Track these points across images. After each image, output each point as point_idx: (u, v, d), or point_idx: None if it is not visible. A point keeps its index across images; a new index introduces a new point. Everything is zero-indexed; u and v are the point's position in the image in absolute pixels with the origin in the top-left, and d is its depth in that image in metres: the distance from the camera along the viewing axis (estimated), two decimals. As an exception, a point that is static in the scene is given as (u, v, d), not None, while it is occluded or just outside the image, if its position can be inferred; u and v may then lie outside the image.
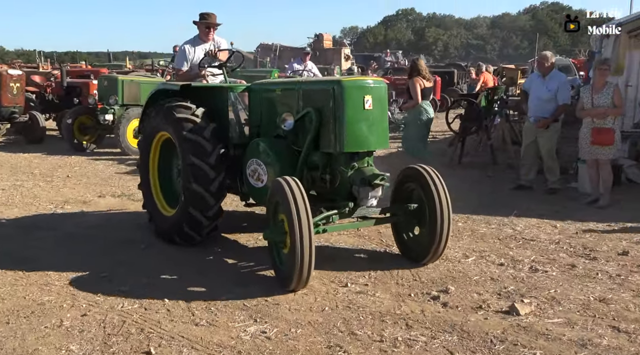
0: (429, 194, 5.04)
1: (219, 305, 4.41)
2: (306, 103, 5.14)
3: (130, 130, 12.02)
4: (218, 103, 5.92)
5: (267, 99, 5.70)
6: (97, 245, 6.01)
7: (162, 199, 6.30)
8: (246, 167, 5.52)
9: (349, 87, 4.78)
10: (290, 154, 5.26)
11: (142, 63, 34.02)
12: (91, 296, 4.61)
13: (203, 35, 6.93)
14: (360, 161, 4.98)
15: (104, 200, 8.12)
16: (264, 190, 5.21)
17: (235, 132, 5.89)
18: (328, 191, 5.11)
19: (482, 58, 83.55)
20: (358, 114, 4.79)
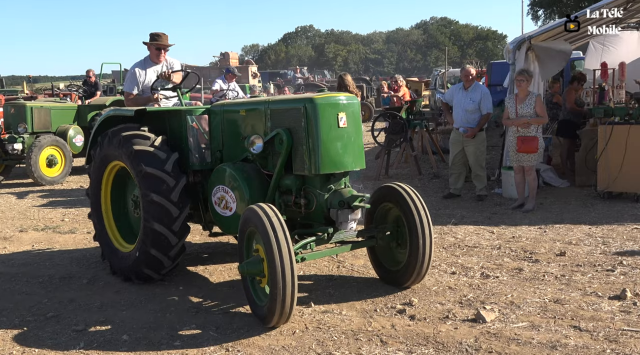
0: (408, 213, 4.81)
1: (186, 337, 4.23)
2: (275, 123, 4.81)
3: (42, 159, 11.41)
4: (175, 128, 5.56)
5: (230, 120, 5.33)
6: (33, 284, 5.61)
7: (117, 233, 5.81)
8: (211, 195, 5.15)
9: (321, 104, 4.49)
10: (260, 178, 4.93)
11: (43, 87, 32.30)
12: (43, 340, 4.29)
13: (154, 57, 6.55)
14: (337, 183, 4.72)
15: (27, 235, 7.62)
16: (233, 218, 4.91)
17: (195, 158, 5.47)
18: (303, 216, 4.81)
19: (380, 71, 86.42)
20: (332, 133, 4.51)
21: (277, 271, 3.97)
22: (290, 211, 4.84)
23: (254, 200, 4.67)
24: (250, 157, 5.01)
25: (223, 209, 5.05)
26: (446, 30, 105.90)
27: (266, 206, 4.24)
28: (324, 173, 4.56)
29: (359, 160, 4.69)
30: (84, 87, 14.95)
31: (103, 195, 5.84)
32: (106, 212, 5.85)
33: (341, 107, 4.58)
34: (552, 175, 9.52)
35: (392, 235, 5.05)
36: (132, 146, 5.14)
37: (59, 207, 9.43)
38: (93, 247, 6.87)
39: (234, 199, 4.93)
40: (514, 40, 9.69)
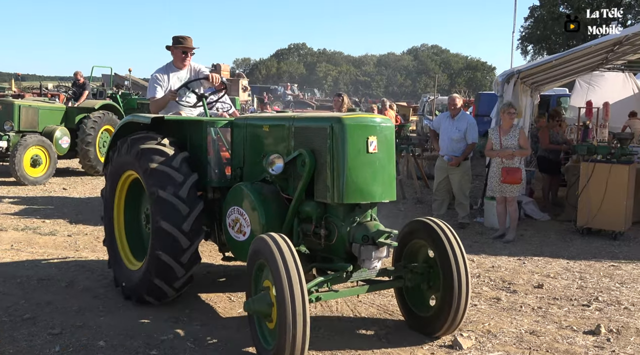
0: (443, 252, 4.28)
1: (163, 347, 4.21)
2: (298, 143, 4.37)
3: (27, 158, 11.32)
4: (196, 139, 5.13)
5: (253, 136, 4.88)
6: (11, 284, 5.55)
7: (129, 250, 5.36)
8: (226, 216, 4.71)
9: (350, 125, 4.02)
10: (279, 202, 4.46)
11: (31, 86, 32.10)
12: (18, 342, 4.25)
13: (178, 62, 6.02)
14: (362, 214, 4.21)
15: (7, 234, 7.54)
16: (246, 244, 4.36)
17: (214, 174, 5.05)
18: (322, 248, 4.30)
19: (369, 94, 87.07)
20: (360, 158, 4.04)
21: (287, 313, 3.51)
22: (309, 241, 4.35)
23: (269, 226, 4.27)
24: (269, 178, 4.53)
25: (237, 232, 4.61)
26: (437, 58, 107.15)
27: (278, 236, 3.79)
28: (348, 203, 4.10)
29: (388, 191, 4.20)
30: (73, 89, 14.89)
31: (116, 210, 5.43)
32: (119, 228, 5.43)
33: (372, 130, 4.10)
34: (534, 208, 9.66)
35: (422, 276, 4.52)
36: (139, 145, 4.82)
37: (41, 208, 9.35)
38: (73, 250, 6.83)
39: (249, 222, 4.48)
40: (503, 73, 9.87)
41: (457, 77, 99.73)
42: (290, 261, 3.62)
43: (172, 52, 6.06)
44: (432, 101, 23.60)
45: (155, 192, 4.60)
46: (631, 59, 11.99)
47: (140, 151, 4.78)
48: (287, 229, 4.35)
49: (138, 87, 32.48)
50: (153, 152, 4.76)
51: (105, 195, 5.48)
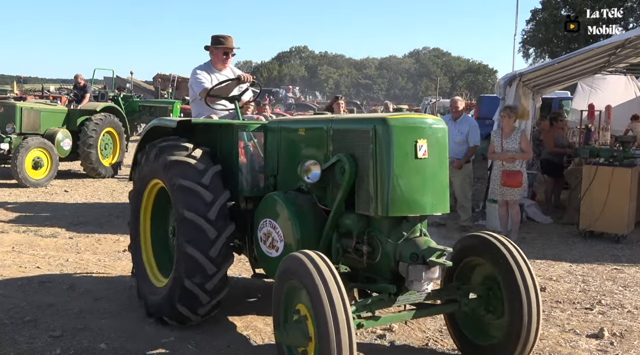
0: (507, 272, 3.73)
1: (164, 350, 4.21)
2: (337, 147, 3.91)
3: (28, 160, 11.31)
4: (226, 145, 4.75)
5: (288, 140, 4.45)
6: (12, 286, 5.54)
7: (155, 265, 4.99)
8: (257, 229, 4.28)
9: (396, 127, 3.54)
10: (315, 214, 4.00)
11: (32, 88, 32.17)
12: (19, 344, 4.23)
13: (218, 63, 5.69)
14: (411, 229, 3.70)
15: (8, 236, 7.53)
16: (279, 261, 3.76)
17: (246, 182, 4.65)
18: (364, 267, 3.81)
19: (371, 97, 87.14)
20: (408, 165, 3.55)
21: (330, 348, 3.05)
22: (349, 259, 3.87)
23: (305, 241, 3.85)
24: (305, 187, 4.10)
25: (269, 247, 4.15)
26: (438, 61, 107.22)
27: (315, 255, 3.33)
28: (394, 216, 3.61)
29: (440, 202, 3.69)
30: (75, 91, 14.92)
31: (142, 221, 5.07)
32: (144, 240, 5.08)
33: (422, 132, 3.60)
34: (536, 211, 9.64)
35: (481, 299, 3.92)
36: (167, 157, 4.44)
37: (42, 210, 9.35)
38: (75, 253, 6.82)
39: (282, 236, 4.01)
40: (505, 76, 9.87)
41: (459, 80, 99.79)
42: (332, 286, 3.13)
43: (212, 52, 5.73)
44: (433, 104, 23.61)
45: (181, 211, 4.22)
46: (633, 61, 11.99)
47: (168, 163, 4.40)
48: (324, 244, 3.90)
49: (139, 89, 32.53)
50: (181, 166, 4.36)
51: (131, 200, 5.15)
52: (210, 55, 5.75)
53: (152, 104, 23.71)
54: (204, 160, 4.45)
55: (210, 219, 4.21)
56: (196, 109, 5.72)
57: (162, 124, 4.94)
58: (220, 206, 4.27)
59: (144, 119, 23.11)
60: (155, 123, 5.07)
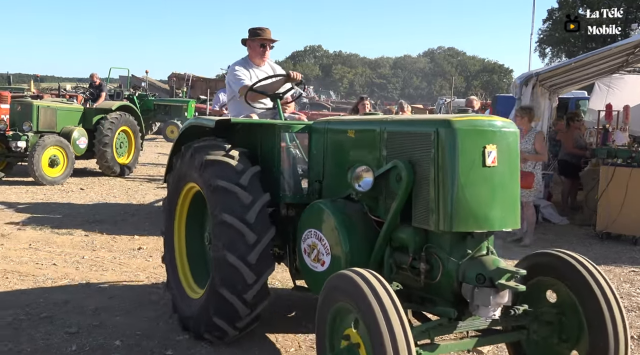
0: (586, 296, 3.25)
1: (179, 348, 4.21)
2: (393, 152, 3.52)
3: (45, 158, 11.42)
4: (267, 146, 4.43)
5: (335, 143, 4.09)
6: (28, 283, 5.60)
7: (190, 273, 4.70)
8: (301, 239, 3.89)
9: (462, 130, 3.13)
10: (366, 225, 3.61)
11: (49, 87, 32.48)
12: (36, 340, 4.27)
13: (256, 57, 5.41)
14: (476, 246, 3.26)
15: (25, 233, 7.60)
16: (324, 277, 3.45)
17: (288, 188, 4.32)
18: (421, 287, 3.38)
19: (385, 96, 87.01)
20: (475, 173, 3.15)
21: None
22: (404, 276, 3.47)
23: (354, 255, 3.50)
24: (355, 196, 3.71)
25: (314, 261, 3.77)
26: (453, 60, 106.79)
27: (369, 274, 2.93)
28: (458, 231, 3.19)
29: (510, 216, 3.26)
30: (90, 90, 15.05)
31: (177, 227, 4.78)
32: (178, 236, 4.79)
33: (491, 137, 3.19)
34: (552, 212, 9.55)
35: (552, 326, 3.42)
36: (203, 156, 4.15)
37: (58, 208, 9.43)
38: (90, 250, 6.87)
39: (328, 250, 3.64)
40: (522, 76, 9.80)
41: (474, 79, 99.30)
42: (392, 313, 2.73)
43: (249, 46, 5.43)
44: (448, 104, 23.46)
45: (217, 214, 3.92)
46: (652, 61, 11.85)
47: (203, 163, 4.11)
48: (376, 259, 3.52)
49: (155, 88, 32.77)
50: (218, 165, 4.07)
51: (165, 206, 4.86)
52: (247, 50, 5.47)
53: (167, 102, 23.89)
54: (242, 160, 4.17)
55: (249, 222, 3.90)
56: (234, 108, 5.45)
57: (199, 124, 4.64)
58: (259, 209, 3.96)
59: (159, 117, 23.33)
60: (191, 122, 4.79)
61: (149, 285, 5.65)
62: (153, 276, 5.91)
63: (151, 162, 16.34)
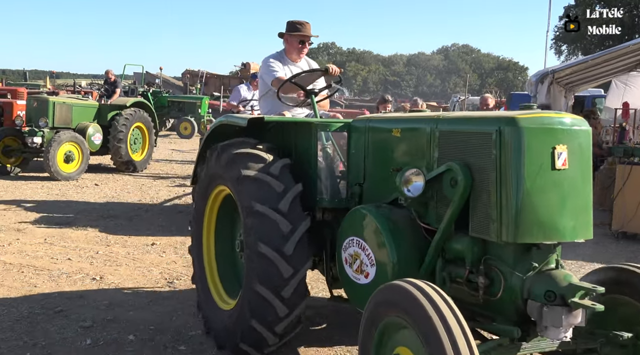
0: None
1: (192, 342, 4.23)
2: (446, 153, 3.18)
3: (60, 154, 11.53)
4: (302, 146, 4.14)
5: (378, 143, 3.75)
6: (43, 277, 5.64)
7: (221, 285, 4.37)
8: (341, 248, 3.57)
9: (529, 129, 2.79)
10: (415, 234, 3.29)
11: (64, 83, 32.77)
12: (51, 334, 4.30)
13: (293, 52, 5.10)
14: (544, 259, 2.89)
15: (40, 228, 7.67)
16: (368, 289, 3.22)
17: (325, 191, 3.99)
18: (479, 303, 3.03)
19: (398, 94, 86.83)
20: (543, 177, 2.82)
21: None
22: (458, 290, 3.12)
23: (402, 267, 3.17)
24: (403, 201, 3.37)
25: (356, 272, 3.46)
26: (467, 58, 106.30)
27: (425, 285, 2.61)
28: (524, 242, 2.85)
29: (583, 225, 2.94)
30: (105, 86, 15.15)
31: (206, 232, 4.44)
32: (207, 248, 4.46)
33: (561, 136, 2.86)
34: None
35: (627, 350, 3.10)
36: (241, 170, 3.76)
37: (73, 203, 9.51)
38: (104, 245, 6.91)
39: (373, 260, 3.31)
40: (537, 73, 9.75)
41: (488, 77, 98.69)
42: (456, 329, 2.39)
43: (287, 40, 5.12)
44: (462, 101, 23.38)
45: (248, 205, 3.64)
46: (670, 59, 11.70)
47: (231, 157, 3.87)
48: (426, 271, 3.19)
49: (168, 85, 32.93)
50: (246, 157, 3.83)
51: (193, 218, 4.56)
52: (284, 44, 5.16)
53: (181, 99, 24.00)
54: (272, 152, 3.95)
55: (283, 210, 3.64)
56: (266, 105, 5.14)
57: (229, 122, 4.30)
58: (292, 197, 3.70)
59: (173, 114, 23.44)
60: (221, 121, 4.43)
61: (162, 280, 5.68)
62: (166, 271, 5.94)
63: (165, 158, 16.41)
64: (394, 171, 3.37)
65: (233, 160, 3.85)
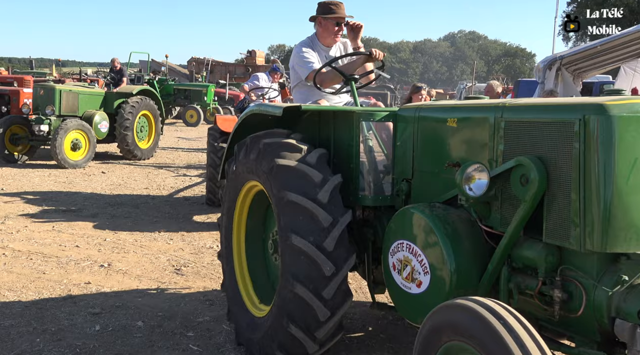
0: None
1: (200, 328, 4.25)
2: (514, 147, 2.75)
3: (67, 142, 11.57)
4: (341, 138, 3.70)
5: (430, 134, 3.33)
6: (51, 264, 5.67)
7: (253, 291, 4.00)
8: (388, 252, 3.20)
9: (621, 118, 2.38)
10: (476, 239, 2.89)
11: (70, 71, 32.79)
12: (60, 320, 4.33)
13: (327, 36, 4.69)
14: (635, 272, 2.47)
15: (48, 216, 7.71)
16: (421, 300, 2.94)
17: (367, 187, 3.57)
18: (553, 319, 2.65)
19: (405, 81, 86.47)
20: (638, 175, 2.41)
21: None
22: (527, 304, 2.74)
23: (461, 277, 2.79)
24: (464, 201, 2.89)
25: (406, 280, 3.07)
26: (474, 44, 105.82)
27: (499, 306, 2.22)
28: (613, 251, 2.45)
29: None
30: (111, 74, 15.16)
31: (236, 227, 4.05)
32: (238, 251, 4.08)
33: None
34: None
35: None
36: (274, 159, 3.39)
37: (81, 190, 9.54)
38: (112, 233, 6.94)
39: (427, 268, 2.92)
40: (545, 59, 9.68)
41: (495, 63, 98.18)
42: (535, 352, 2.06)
43: (320, 23, 4.70)
44: (469, 88, 23.27)
45: (283, 196, 3.26)
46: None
47: (262, 148, 3.50)
48: (489, 282, 2.81)
49: (174, 73, 32.94)
50: (279, 147, 3.47)
51: (222, 222, 4.16)
52: (316, 27, 4.75)
53: (187, 87, 24.00)
54: (308, 142, 3.60)
55: (322, 201, 3.26)
56: (300, 95, 4.79)
57: (262, 111, 3.88)
58: (332, 188, 3.32)
59: (179, 102, 23.45)
60: (252, 110, 4.01)
61: (170, 267, 5.70)
62: (174, 259, 5.96)
63: (171, 146, 16.43)
64: (448, 166, 3.04)
65: (264, 151, 3.48)
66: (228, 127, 7.90)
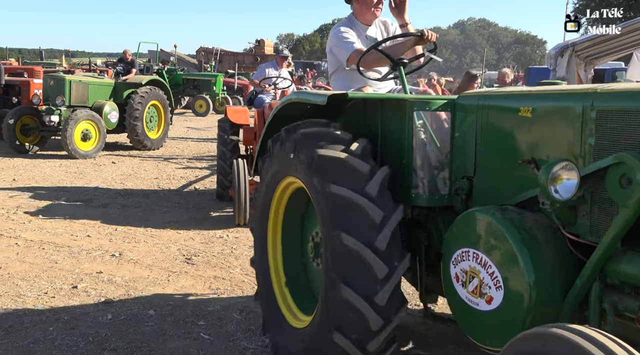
0: None
1: (210, 317, 4.27)
2: (609, 141, 2.32)
3: (78, 132, 11.61)
4: (391, 129, 3.30)
5: (498, 126, 2.89)
6: (63, 254, 5.71)
7: (291, 299, 3.62)
8: (449, 260, 2.79)
9: None
10: (559, 250, 2.47)
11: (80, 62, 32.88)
12: (72, 310, 4.37)
13: (367, 12, 4.22)
14: None
15: (60, 206, 7.76)
16: (492, 319, 2.54)
17: (421, 185, 3.16)
18: None
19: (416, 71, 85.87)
20: None
21: None
22: (624, 328, 2.30)
23: (542, 294, 2.38)
24: (547, 204, 2.41)
25: (473, 294, 2.64)
26: (484, 32, 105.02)
27: (600, 335, 1.79)
28: None
29: None
30: (121, 65, 15.19)
31: (271, 229, 3.66)
32: (274, 257, 3.70)
33: None
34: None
35: None
36: (314, 149, 3.00)
37: (92, 181, 9.59)
38: (123, 221, 6.98)
39: (500, 282, 2.50)
40: (557, 46, 9.59)
41: (506, 51, 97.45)
42: None
43: (357, 1, 4.26)
44: (480, 76, 23.11)
45: (327, 190, 2.88)
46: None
47: (300, 138, 3.13)
48: (576, 300, 2.39)
49: (183, 63, 32.90)
50: (319, 137, 3.09)
51: (254, 224, 3.83)
52: (353, 6, 4.30)
53: (196, 77, 23.99)
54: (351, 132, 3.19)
55: (371, 194, 2.88)
56: (340, 81, 4.30)
57: (303, 100, 3.38)
58: (381, 180, 2.93)
59: (188, 92, 23.46)
60: (291, 99, 3.54)
61: (180, 256, 5.72)
62: (184, 248, 5.99)
63: (180, 136, 16.45)
64: (522, 163, 2.63)
65: (303, 142, 3.10)
66: (238, 119, 7.91)
